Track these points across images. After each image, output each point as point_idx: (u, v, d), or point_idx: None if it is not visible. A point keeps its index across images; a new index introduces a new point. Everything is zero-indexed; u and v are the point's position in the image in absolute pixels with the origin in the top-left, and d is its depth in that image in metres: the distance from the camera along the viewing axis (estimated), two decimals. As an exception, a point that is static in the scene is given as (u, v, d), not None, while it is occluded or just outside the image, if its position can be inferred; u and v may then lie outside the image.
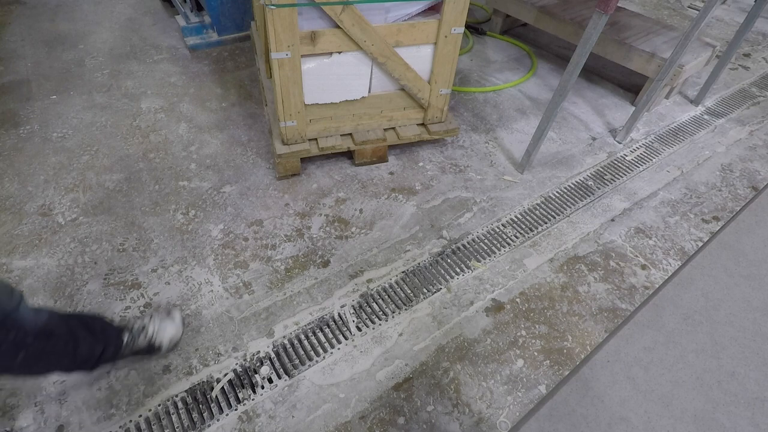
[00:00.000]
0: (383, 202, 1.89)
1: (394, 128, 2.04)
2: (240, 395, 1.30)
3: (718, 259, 1.81)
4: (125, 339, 1.22)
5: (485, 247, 1.76)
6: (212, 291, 1.55)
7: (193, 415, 1.25)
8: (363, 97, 1.88)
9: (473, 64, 2.84)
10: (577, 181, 2.09)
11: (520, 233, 1.82)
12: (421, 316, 1.52)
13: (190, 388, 1.31)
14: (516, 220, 1.88)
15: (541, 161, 2.17)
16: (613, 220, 1.92)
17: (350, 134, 1.98)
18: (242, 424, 1.24)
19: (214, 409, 1.27)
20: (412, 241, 1.76)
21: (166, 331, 1.31)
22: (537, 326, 1.52)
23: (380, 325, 1.49)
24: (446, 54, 1.83)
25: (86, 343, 1.09)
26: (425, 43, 1.78)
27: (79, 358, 1.09)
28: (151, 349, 1.29)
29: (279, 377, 1.34)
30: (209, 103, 2.38)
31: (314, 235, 1.75)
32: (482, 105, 2.51)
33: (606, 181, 2.10)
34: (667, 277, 1.71)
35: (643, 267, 1.74)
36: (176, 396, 1.29)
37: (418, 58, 1.83)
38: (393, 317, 1.51)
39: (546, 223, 1.88)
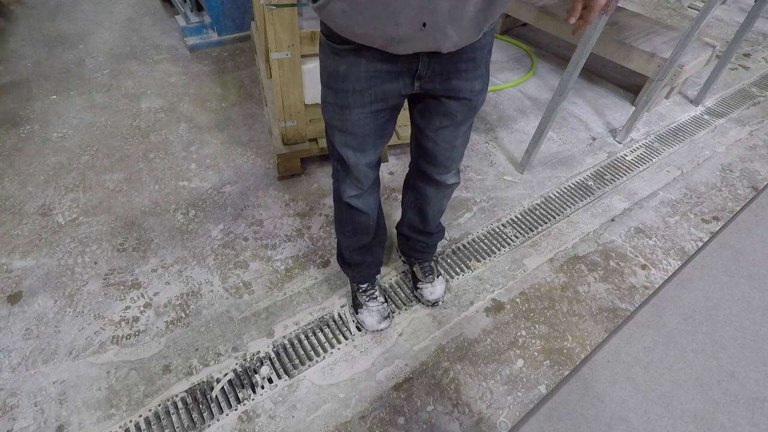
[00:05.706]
0: (383, 202, 1.89)
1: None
2: (240, 395, 1.30)
3: (718, 259, 1.81)
4: None
5: (485, 247, 1.76)
6: (212, 291, 1.55)
7: (193, 415, 1.25)
8: (363, 97, 1.88)
9: (473, 64, 2.84)
10: (577, 181, 2.09)
11: (520, 233, 1.82)
12: (421, 315, 1.52)
13: (190, 388, 1.31)
14: (516, 220, 1.88)
15: (541, 161, 2.17)
16: (613, 220, 1.92)
17: (350, 134, 1.98)
18: (242, 424, 1.24)
19: (214, 409, 1.27)
20: (412, 241, 1.76)
21: None
22: (537, 326, 1.52)
23: (380, 325, 1.49)
24: (446, 54, 1.83)
25: None
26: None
27: None
28: None
29: (279, 377, 1.34)
30: (209, 103, 2.38)
31: (314, 235, 1.75)
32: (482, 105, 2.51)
33: (606, 181, 2.10)
34: (667, 277, 1.71)
35: (643, 267, 1.74)
36: (176, 396, 1.29)
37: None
38: (393, 317, 1.51)
39: (546, 223, 1.88)
